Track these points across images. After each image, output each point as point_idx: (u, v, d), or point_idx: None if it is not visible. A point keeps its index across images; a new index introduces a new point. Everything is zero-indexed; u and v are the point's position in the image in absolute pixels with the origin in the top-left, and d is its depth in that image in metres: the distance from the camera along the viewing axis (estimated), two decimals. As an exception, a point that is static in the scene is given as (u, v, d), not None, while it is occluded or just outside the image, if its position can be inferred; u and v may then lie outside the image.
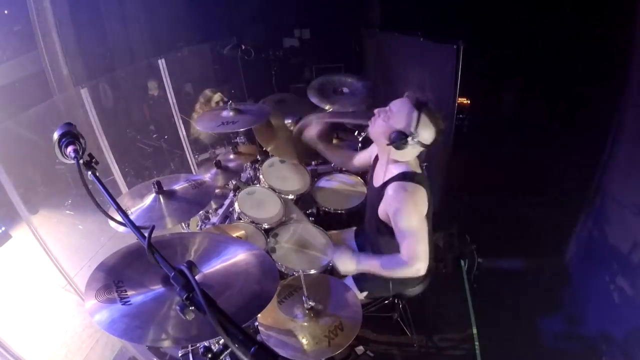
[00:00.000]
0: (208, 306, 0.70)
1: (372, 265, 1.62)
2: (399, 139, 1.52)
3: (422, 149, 1.59)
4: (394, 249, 1.57)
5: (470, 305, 2.46)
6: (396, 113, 1.57)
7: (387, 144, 1.56)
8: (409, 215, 1.53)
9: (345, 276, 1.85)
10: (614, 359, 2.12)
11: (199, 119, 2.36)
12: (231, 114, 2.21)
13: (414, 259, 1.49)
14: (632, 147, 2.23)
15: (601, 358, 2.16)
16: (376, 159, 1.83)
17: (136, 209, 1.59)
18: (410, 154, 1.62)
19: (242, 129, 2.27)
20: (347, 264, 1.68)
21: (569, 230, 2.75)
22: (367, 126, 1.71)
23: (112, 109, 3.96)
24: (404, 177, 1.58)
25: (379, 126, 1.62)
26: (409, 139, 1.53)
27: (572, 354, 2.26)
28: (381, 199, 1.63)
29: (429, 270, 1.54)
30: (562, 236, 2.81)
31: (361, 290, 1.82)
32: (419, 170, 1.64)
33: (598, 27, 2.43)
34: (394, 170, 1.62)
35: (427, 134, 1.56)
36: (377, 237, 1.77)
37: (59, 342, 2.45)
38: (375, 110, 1.65)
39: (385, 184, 1.62)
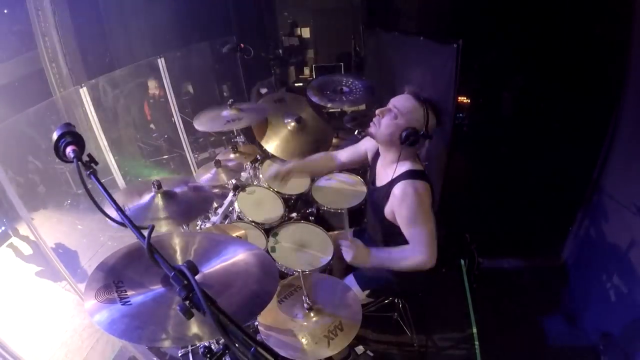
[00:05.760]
0: (208, 306, 0.70)
1: (383, 257, 1.59)
2: (412, 137, 1.52)
3: (426, 142, 1.62)
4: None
5: (470, 305, 2.46)
6: (404, 111, 1.55)
7: (401, 143, 1.55)
8: (420, 212, 1.52)
9: (345, 275, 1.85)
10: (613, 357, 2.12)
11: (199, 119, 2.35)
12: (232, 112, 2.22)
13: (425, 250, 1.49)
14: (630, 146, 2.24)
15: (600, 357, 2.16)
16: (375, 158, 1.81)
17: (133, 206, 1.60)
18: (414, 150, 1.63)
19: (244, 126, 2.28)
20: (363, 254, 1.59)
21: (567, 230, 2.76)
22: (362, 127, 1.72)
23: (112, 109, 3.96)
24: (412, 175, 1.57)
25: (386, 126, 1.57)
26: (421, 135, 1.54)
27: (572, 353, 2.26)
28: (387, 198, 1.61)
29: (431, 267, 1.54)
30: (561, 235, 2.81)
31: (363, 289, 1.80)
32: (421, 167, 1.65)
33: (597, 27, 2.43)
34: (401, 168, 1.60)
35: (431, 127, 1.59)
36: (384, 238, 1.76)
37: (59, 341, 2.45)
38: (377, 111, 1.61)
39: (392, 183, 1.60)
